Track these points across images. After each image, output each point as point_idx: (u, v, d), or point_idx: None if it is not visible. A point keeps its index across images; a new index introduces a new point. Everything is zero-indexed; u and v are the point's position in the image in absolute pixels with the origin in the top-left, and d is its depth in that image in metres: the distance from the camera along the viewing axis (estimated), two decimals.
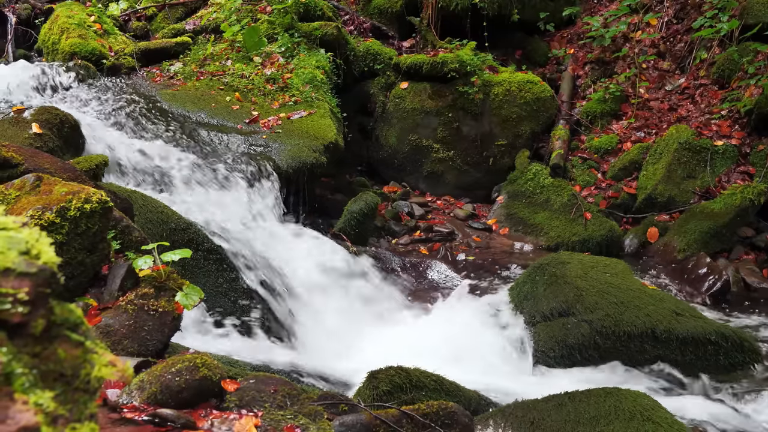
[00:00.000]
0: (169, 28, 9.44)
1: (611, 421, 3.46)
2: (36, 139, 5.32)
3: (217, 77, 8.06)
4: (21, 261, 0.82)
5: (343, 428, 2.73)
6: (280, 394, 2.85)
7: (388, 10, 10.12)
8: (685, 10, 9.65)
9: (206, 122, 7.12)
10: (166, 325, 3.27)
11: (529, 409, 3.74)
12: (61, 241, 2.96)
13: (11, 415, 0.74)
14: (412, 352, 4.71)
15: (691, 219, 7.35)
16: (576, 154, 8.68)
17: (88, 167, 4.78)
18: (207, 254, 5.13)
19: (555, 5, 10.12)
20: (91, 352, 0.89)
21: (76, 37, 8.14)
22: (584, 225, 7.61)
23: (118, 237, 3.66)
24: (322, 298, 5.84)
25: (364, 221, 7.21)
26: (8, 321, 0.80)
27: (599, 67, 9.65)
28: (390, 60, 9.19)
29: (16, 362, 0.79)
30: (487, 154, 8.87)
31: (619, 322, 5.06)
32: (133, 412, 2.49)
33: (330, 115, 7.63)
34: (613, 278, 5.53)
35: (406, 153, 8.96)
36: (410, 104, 8.94)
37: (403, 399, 3.56)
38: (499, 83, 8.89)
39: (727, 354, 4.99)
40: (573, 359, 5.12)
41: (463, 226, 8.08)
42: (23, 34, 9.92)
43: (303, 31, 8.69)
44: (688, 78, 9.06)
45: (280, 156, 6.72)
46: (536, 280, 5.75)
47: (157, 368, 2.68)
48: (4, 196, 3.11)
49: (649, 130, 8.66)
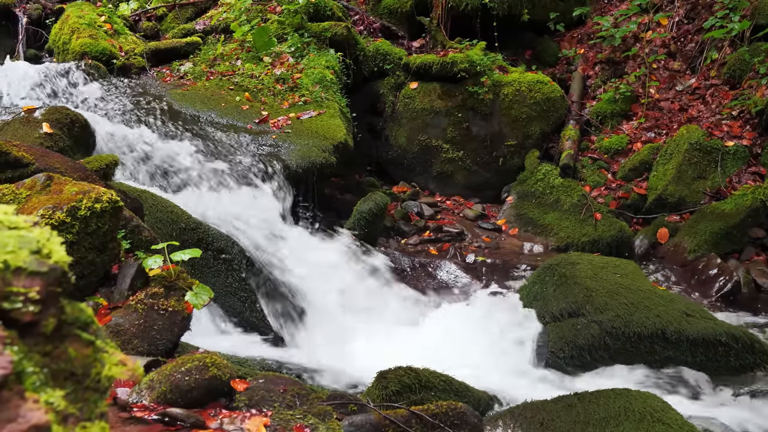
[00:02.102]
0: (179, 28, 9.46)
1: (621, 422, 3.45)
2: (46, 139, 5.33)
3: (227, 77, 8.07)
4: (32, 260, 0.82)
5: (353, 428, 2.72)
6: (290, 394, 2.85)
7: (398, 10, 10.11)
8: (695, 10, 9.61)
9: (216, 122, 7.13)
10: (175, 325, 3.28)
11: (539, 409, 3.73)
12: (71, 240, 2.97)
13: (22, 414, 0.74)
14: (421, 352, 4.71)
15: (701, 220, 7.32)
16: (586, 155, 8.65)
17: (98, 167, 4.79)
18: (216, 254, 5.14)
19: (565, 5, 10.09)
20: (102, 351, 0.89)
21: (87, 37, 8.16)
22: (594, 225, 7.59)
23: (128, 236, 3.67)
24: (330, 298, 5.84)
25: (373, 221, 7.21)
26: (19, 320, 0.80)
27: (609, 67, 9.62)
28: (400, 60, 9.19)
29: (27, 361, 0.79)
30: (497, 155, 8.85)
31: (629, 323, 5.05)
32: (142, 411, 2.50)
33: (339, 115, 7.63)
34: (623, 279, 5.52)
35: (416, 153, 8.95)
36: (420, 104, 8.93)
37: (413, 399, 3.56)
38: (509, 83, 8.87)
39: (738, 355, 4.96)
40: (583, 360, 5.11)
41: (472, 227, 8.06)
42: (34, 34, 9.94)
43: (313, 31, 8.70)
44: (698, 78, 9.02)
45: (289, 156, 6.72)
46: (546, 280, 5.74)
47: (166, 367, 2.69)
48: (15, 195, 3.13)
49: (659, 131, 8.63)
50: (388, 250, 7.10)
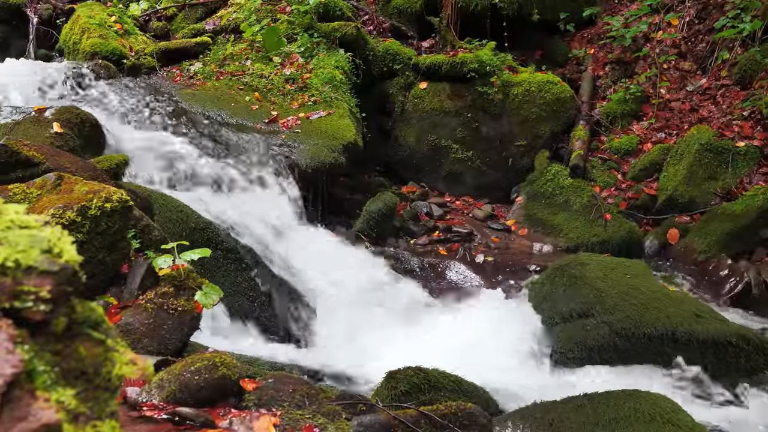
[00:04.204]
0: (189, 28, 9.47)
1: (631, 423, 3.44)
2: (57, 138, 5.35)
3: (236, 77, 8.08)
4: (43, 259, 0.82)
5: (362, 428, 2.72)
6: (299, 394, 2.85)
7: (408, 10, 10.10)
8: (706, 10, 9.57)
9: (226, 122, 7.14)
10: (185, 324, 3.29)
11: (548, 410, 3.72)
12: (81, 239, 2.98)
13: (33, 412, 0.75)
14: (430, 352, 4.70)
15: (712, 220, 7.29)
16: (596, 155, 8.63)
17: (108, 166, 4.81)
18: (226, 253, 5.15)
19: (575, 5, 10.06)
20: (112, 351, 0.89)
21: (97, 37, 8.19)
22: (604, 226, 7.57)
23: (138, 236, 3.68)
24: (339, 298, 5.84)
25: (382, 221, 7.21)
26: (30, 319, 0.80)
27: (619, 67, 9.59)
28: (409, 60, 9.18)
29: (38, 360, 0.79)
30: (507, 155, 8.83)
31: (639, 324, 5.03)
32: (152, 411, 2.50)
33: (349, 115, 7.63)
34: (633, 280, 5.50)
35: (425, 153, 8.94)
36: (429, 104, 8.92)
37: (422, 399, 3.55)
38: (519, 83, 8.85)
39: (749, 357, 4.93)
40: (592, 361, 5.10)
41: (482, 227, 8.05)
42: (44, 34, 9.98)
43: (322, 31, 8.70)
44: (709, 78, 8.98)
45: (299, 156, 6.73)
46: (555, 281, 5.73)
47: (176, 367, 2.69)
48: (25, 194, 3.14)
49: (670, 131, 8.60)
50: (397, 250, 7.10)
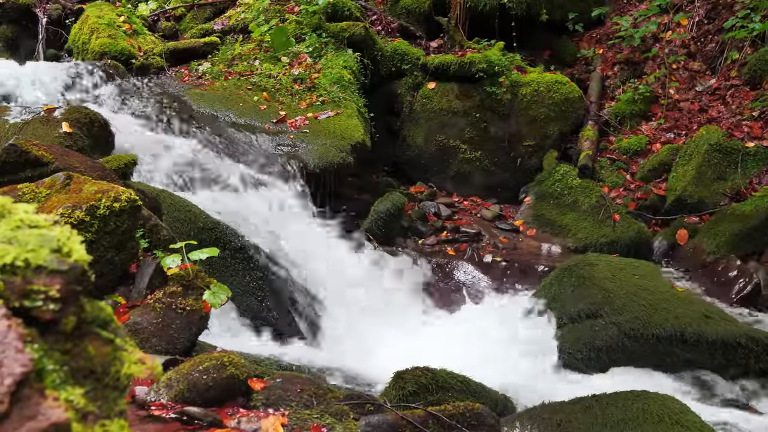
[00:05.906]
0: (198, 28, 9.49)
1: (639, 424, 3.43)
2: (66, 138, 5.37)
3: (245, 77, 8.09)
4: (53, 258, 0.82)
5: (370, 428, 2.72)
6: (307, 394, 2.85)
7: (416, 10, 10.10)
8: (716, 10, 9.54)
9: (234, 121, 7.16)
10: (193, 324, 3.29)
11: (556, 411, 3.71)
12: (90, 239, 2.99)
13: (42, 411, 0.75)
14: (438, 353, 4.70)
15: (721, 221, 7.26)
16: (604, 155, 8.61)
17: (117, 166, 4.82)
18: (234, 253, 5.15)
19: (584, 5, 10.04)
20: (121, 350, 0.89)
21: (106, 37, 8.21)
22: (612, 227, 7.55)
23: (146, 235, 3.68)
24: (347, 298, 5.84)
25: (390, 221, 7.21)
26: (40, 318, 0.80)
27: (628, 67, 9.57)
28: (417, 60, 9.17)
29: (47, 359, 0.79)
30: (515, 155, 8.82)
31: (647, 325, 5.02)
32: (160, 410, 2.50)
33: (357, 115, 7.63)
34: (642, 280, 5.49)
35: (433, 153, 8.93)
36: (437, 104, 8.92)
37: (429, 400, 3.55)
38: (527, 83, 8.84)
39: (758, 358, 4.91)
40: (600, 361, 5.09)
41: (490, 227, 8.04)
42: (54, 34, 10.01)
43: (331, 31, 8.70)
44: (718, 79, 8.95)
45: (307, 156, 6.74)
46: (564, 281, 5.72)
47: (184, 366, 2.70)
48: (35, 194, 3.15)
49: (679, 132, 8.57)
50: (405, 251, 7.10)
